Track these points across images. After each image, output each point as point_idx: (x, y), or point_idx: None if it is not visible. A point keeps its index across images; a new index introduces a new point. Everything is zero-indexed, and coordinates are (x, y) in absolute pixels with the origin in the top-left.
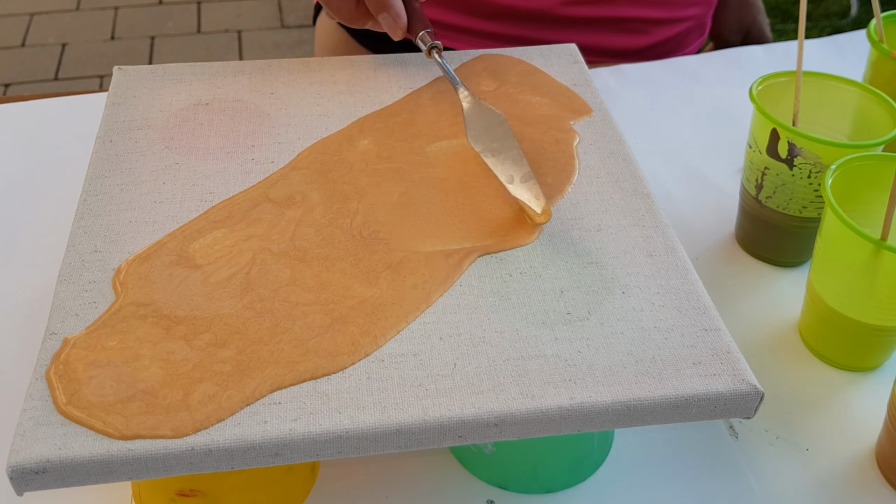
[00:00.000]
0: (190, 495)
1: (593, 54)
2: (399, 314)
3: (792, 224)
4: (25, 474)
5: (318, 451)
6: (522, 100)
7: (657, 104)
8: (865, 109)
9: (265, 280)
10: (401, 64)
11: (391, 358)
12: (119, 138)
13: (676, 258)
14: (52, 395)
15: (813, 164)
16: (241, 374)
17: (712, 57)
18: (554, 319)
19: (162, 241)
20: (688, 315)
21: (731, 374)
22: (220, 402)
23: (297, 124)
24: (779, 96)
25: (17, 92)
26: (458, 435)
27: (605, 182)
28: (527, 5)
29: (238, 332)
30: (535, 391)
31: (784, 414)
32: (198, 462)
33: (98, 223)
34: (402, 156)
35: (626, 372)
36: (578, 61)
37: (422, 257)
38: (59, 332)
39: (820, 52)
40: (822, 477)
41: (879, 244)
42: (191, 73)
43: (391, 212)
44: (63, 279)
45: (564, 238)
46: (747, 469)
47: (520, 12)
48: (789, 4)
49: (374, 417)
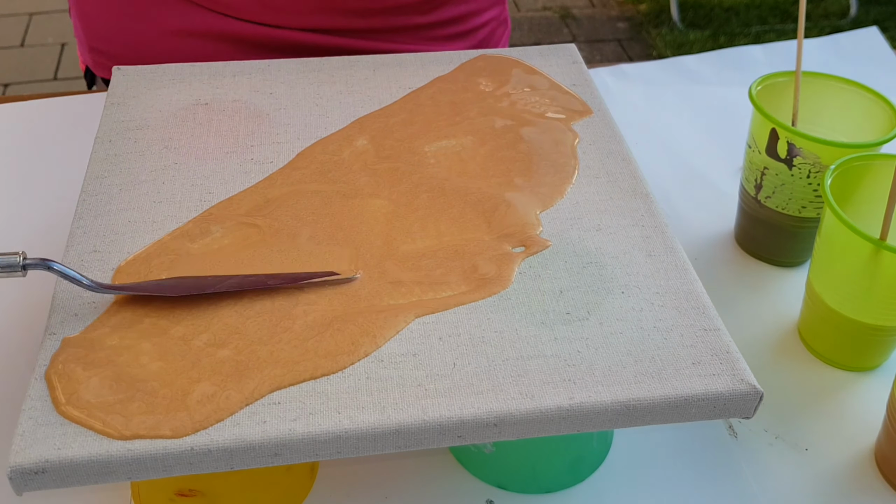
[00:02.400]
0: (189, 495)
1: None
2: (399, 315)
3: (791, 224)
4: (25, 474)
5: (318, 451)
6: (522, 100)
7: (657, 104)
8: (865, 109)
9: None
10: (400, 64)
11: (390, 358)
12: (118, 138)
13: (676, 258)
14: (51, 396)
15: (812, 163)
16: (240, 375)
17: (712, 57)
18: (553, 319)
19: (161, 241)
20: (687, 315)
21: (730, 373)
22: (219, 403)
23: (297, 124)
24: (778, 96)
25: (16, 92)
26: (457, 435)
27: (605, 182)
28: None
29: (237, 332)
30: (535, 391)
31: (783, 414)
32: (197, 462)
33: (97, 223)
34: (402, 156)
35: (625, 372)
36: (578, 61)
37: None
38: (59, 333)
39: (819, 51)
40: (821, 477)
41: (879, 244)
42: (190, 73)
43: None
44: (63, 279)
45: (564, 238)
46: (746, 469)
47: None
48: (789, 4)
49: (373, 417)
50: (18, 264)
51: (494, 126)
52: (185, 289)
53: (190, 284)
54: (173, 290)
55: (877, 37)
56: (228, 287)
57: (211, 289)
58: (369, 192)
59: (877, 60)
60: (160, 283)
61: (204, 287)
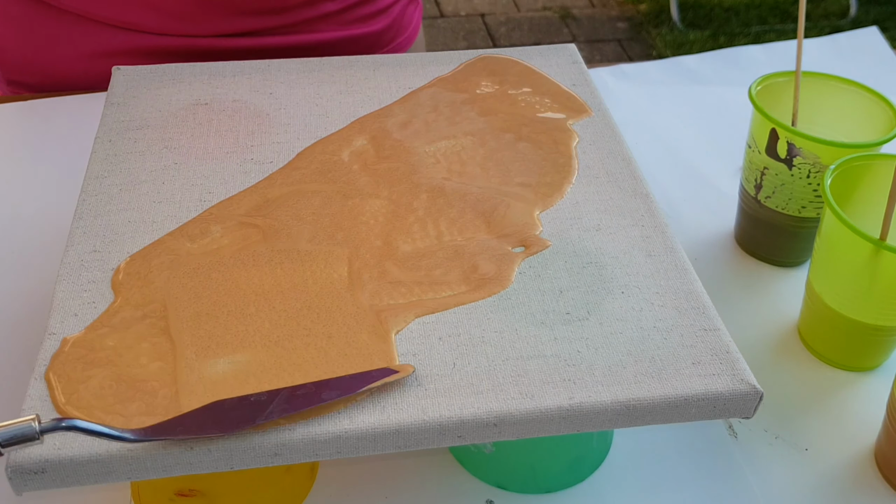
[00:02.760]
0: (189, 495)
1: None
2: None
3: (791, 224)
4: (24, 474)
5: (317, 451)
6: (521, 100)
7: (656, 104)
8: (864, 109)
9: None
10: (400, 64)
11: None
12: (118, 138)
13: (675, 258)
14: (51, 396)
15: (812, 163)
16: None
17: (712, 57)
18: (553, 319)
19: (161, 241)
20: (687, 315)
21: (730, 373)
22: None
23: (297, 124)
24: (778, 96)
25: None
26: (457, 435)
27: (605, 182)
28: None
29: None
30: (535, 391)
31: (783, 414)
32: (197, 462)
33: (97, 223)
34: (401, 156)
35: (625, 372)
36: (577, 61)
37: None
38: (59, 332)
39: (819, 51)
40: (821, 476)
41: (879, 244)
42: (190, 73)
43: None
44: (62, 279)
45: (563, 238)
46: (746, 469)
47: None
48: (788, 4)
49: (372, 417)
50: (35, 431)
51: (494, 126)
52: (232, 424)
53: (234, 417)
54: (218, 428)
55: (877, 37)
56: (280, 412)
57: (262, 419)
58: (369, 192)
59: (876, 60)
60: (201, 419)
61: (254, 418)
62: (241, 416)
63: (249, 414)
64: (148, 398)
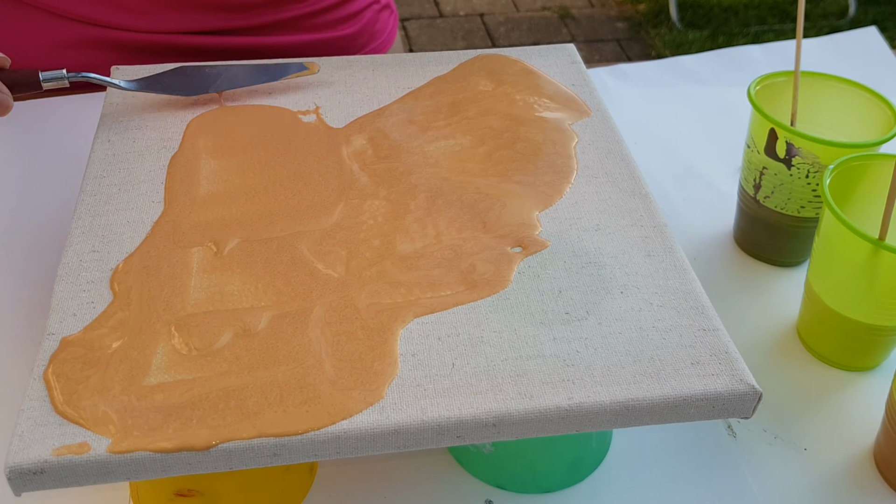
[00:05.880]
0: (188, 495)
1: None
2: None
3: (790, 224)
4: (23, 475)
5: (317, 451)
6: (520, 100)
7: (655, 104)
8: (863, 109)
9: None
10: (399, 64)
11: None
12: (118, 138)
13: (675, 258)
14: (49, 396)
15: (811, 163)
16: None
17: (711, 57)
18: (552, 319)
19: (160, 241)
20: (686, 315)
21: (729, 373)
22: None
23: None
24: (777, 96)
25: None
26: (456, 435)
27: (604, 182)
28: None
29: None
30: (534, 391)
31: (782, 414)
32: (196, 462)
33: (96, 223)
34: (400, 156)
35: (624, 372)
36: (577, 61)
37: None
38: (58, 333)
39: (818, 51)
40: (820, 476)
41: (878, 244)
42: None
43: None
44: (61, 279)
45: (563, 238)
46: (746, 469)
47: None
48: (787, 4)
49: (372, 417)
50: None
51: (493, 126)
52: (193, 90)
53: (195, 84)
54: (184, 91)
55: (875, 37)
56: (228, 85)
57: (213, 88)
58: (368, 192)
59: (875, 60)
60: (172, 81)
61: (207, 86)
62: (200, 83)
63: (205, 83)
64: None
